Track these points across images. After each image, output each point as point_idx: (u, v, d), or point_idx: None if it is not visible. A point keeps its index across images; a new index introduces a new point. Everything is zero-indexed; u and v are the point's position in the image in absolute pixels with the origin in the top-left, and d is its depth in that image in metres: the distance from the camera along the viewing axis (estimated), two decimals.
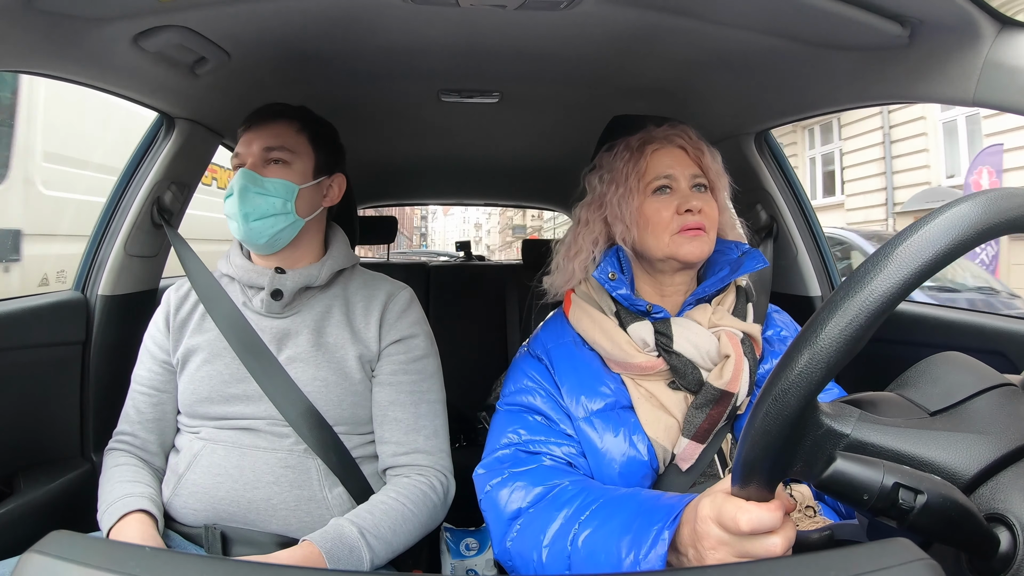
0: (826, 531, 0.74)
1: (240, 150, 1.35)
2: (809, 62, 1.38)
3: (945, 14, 1.05)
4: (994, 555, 0.59)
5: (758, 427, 0.60)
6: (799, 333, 0.59)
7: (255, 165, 1.33)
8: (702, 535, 0.79)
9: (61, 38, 1.18)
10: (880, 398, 0.73)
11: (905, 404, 0.72)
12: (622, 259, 1.25)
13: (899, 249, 0.56)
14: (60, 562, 0.51)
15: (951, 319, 1.69)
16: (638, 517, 0.91)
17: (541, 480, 1.10)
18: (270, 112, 1.37)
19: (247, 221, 1.30)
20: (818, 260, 1.94)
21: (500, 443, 1.20)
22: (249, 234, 1.31)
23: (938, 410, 0.70)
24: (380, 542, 1.18)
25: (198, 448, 1.28)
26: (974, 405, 0.69)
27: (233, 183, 1.31)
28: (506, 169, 3.00)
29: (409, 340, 1.38)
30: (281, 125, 1.36)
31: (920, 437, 0.64)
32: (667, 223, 1.21)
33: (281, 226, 1.32)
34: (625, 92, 1.76)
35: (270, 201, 1.31)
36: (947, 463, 0.63)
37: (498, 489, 1.13)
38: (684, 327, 1.18)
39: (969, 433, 0.66)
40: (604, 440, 1.15)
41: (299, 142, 1.37)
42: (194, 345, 1.35)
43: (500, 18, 1.29)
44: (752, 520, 0.71)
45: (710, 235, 1.22)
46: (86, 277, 1.72)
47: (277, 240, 1.33)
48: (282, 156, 1.34)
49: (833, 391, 1.22)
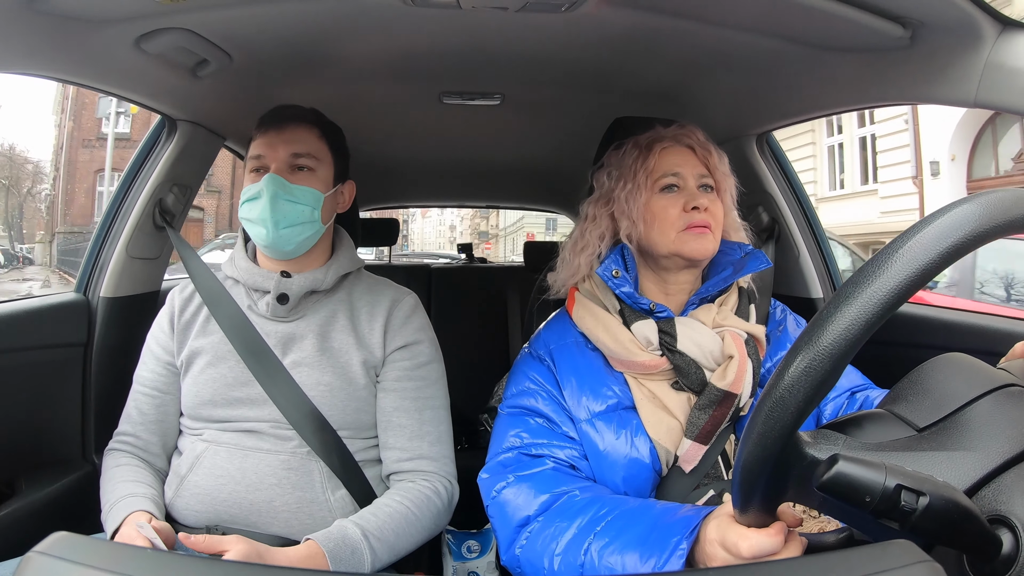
0: (844, 532, 0.74)
1: (262, 152, 1.33)
2: (810, 64, 1.38)
3: (946, 16, 1.05)
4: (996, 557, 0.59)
5: (744, 463, 0.62)
6: (779, 363, 0.60)
7: (281, 171, 1.31)
8: (710, 556, 0.83)
9: (63, 40, 1.18)
10: (867, 418, 0.74)
11: (893, 421, 0.72)
12: (627, 257, 1.25)
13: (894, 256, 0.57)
14: (62, 563, 0.51)
15: (953, 320, 1.69)
16: (655, 530, 0.93)
17: (548, 487, 1.11)
18: (288, 114, 1.36)
19: (277, 228, 1.28)
20: (820, 262, 1.94)
21: (503, 447, 1.20)
22: (278, 241, 1.30)
23: (927, 425, 0.70)
24: (383, 545, 1.18)
25: (200, 450, 1.28)
26: (965, 416, 0.70)
27: (259, 188, 1.29)
28: (507, 171, 3.00)
29: (414, 346, 1.38)
30: (302, 130, 1.35)
31: (904, 460, 0.64)
32: (674, 220, 1.21)
33: (308, 234, 1.32)
34: (626, 94, 1.76)
35: (299, 209, 1.30)
36: None
37: (504, 495, 1.13)
38: (688, 326, 1.19)
39: (955, 451, 0.66)
40: (606, 441, 1.15)
41: (321, 148, 1.36)
42: (198, 348, 1.34)
43: (501, 20, 1.29)
44: (752, 547, 0.75)
45: (715, 234, 1.23)
46: (88, 279, 1.72)
47: (302, 247, 1.33)
48: (308, 163, 1.33)
49: (853, 376, 1.26)
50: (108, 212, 1.74)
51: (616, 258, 1.25)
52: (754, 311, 1.27)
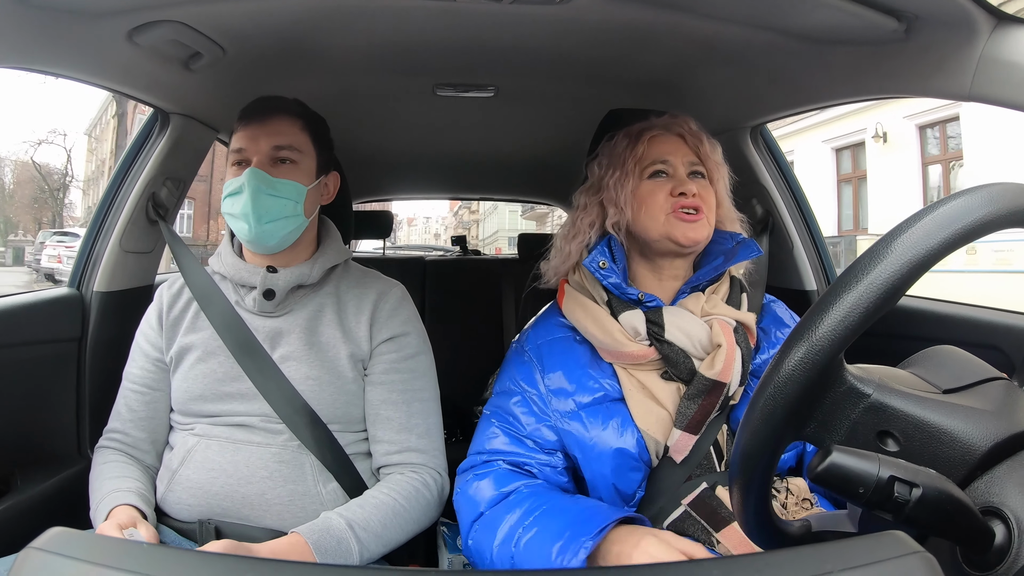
0: (805, 522, 0.75)
1: (244, 145, 1.31)
2: (805, 57, 1.38)
3: (941, 9, 1.05)
4: (989, 548, 0.60)
5: (785, 372, 0.61)
6: (835, 281, 0.61)
7: (263, 164, 1.29)
8: (613, 556, 0.99)
9: (55, 33, 1.17)
10: (894, 372, 0.74)
11: (918, 380, 0.72)
12: (614, 248, 1.26)
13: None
14: (58, 558, 0.51)
15: (946, 313, 1.69)
16: (571, 526, 1.02)
17: (499, 484, 1.18)
18: (270, 106, 1.34)
19: (260, 223, 1.27)
20: (814, 254, 1.94)
21: (475, 449, 1.28)
22: (261, 236, 1.28)
23: (950, 389, 0.71)
24: (370, 535, 1.18)
25: (192, 444, 1.28)
26: (984, 389, 0.70)
27: (241, 182, 1.27)
28: (502, 163, 2.99)
29: (401, 338, 1.37)
30: (284, 122, 1.33)
31: (939, 407, 0.65)
32: (661, 204, 1.22)
33: (291, 228, 1.31)
34: (620, 86, 1.76)
35: (281, 203, 1.28)
36: (965, 433, 0.64)
37: (465, 492, 1.22)
38: (676, 315, 1.19)
39: (984, 409, 0.67)
40: (593, 433, 1.17)
41: (304, 141, 1.34)
42: (188, 343, 1.34)
43: (495, 12, 1.29)
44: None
45: (708, 219, 1.23)
46: (81, 273, 1.71)
47: (285, 241, 1.32)
48: (291, 156, 1.31)
49: None
50: (101, 206, 1.73)
51: (603, 249, 1.25)
52: (746, 300, 1.28)
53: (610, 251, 1.25)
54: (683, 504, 1.13)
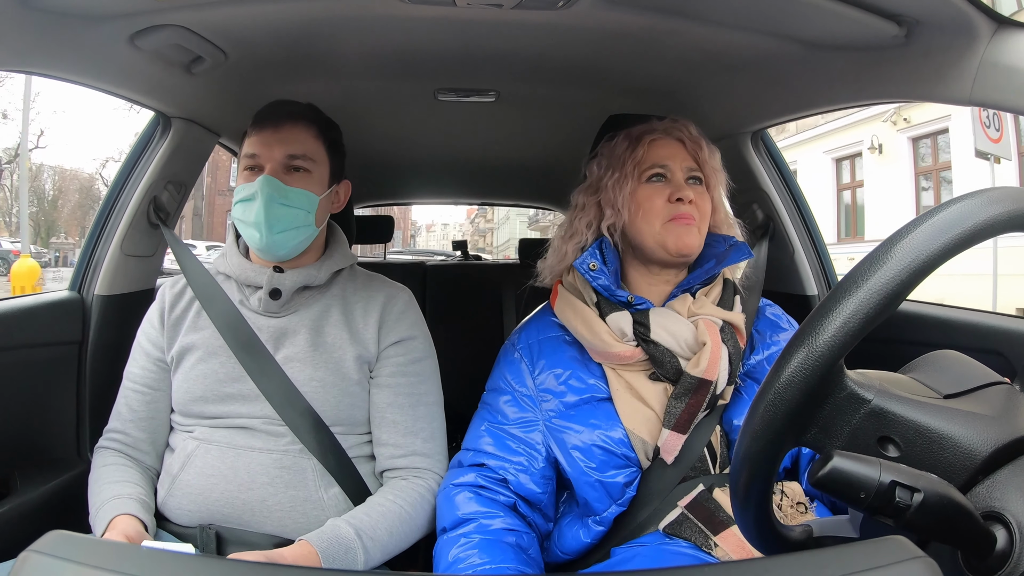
0: (806, 528, 0.74)
1: (257, 151, 1.29)
2: (805, 62, 1.38)
3: (942, 14, 1.05)
4: (991, 553, 0.59)
5: (785, 378, 0.61)
6: (836, 286, 0.61)
7: (276, 172, 1.27)
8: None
9: (57, 37, 1.18)
10: (895, 377, 0.73)
11: (919, 385, 0.72)
12: (605, 251, 1.27)
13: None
14: (58, 561, 0.51)
15: (947, 317, 1.69)
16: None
17: (464, 507, 1.21)
18: (285, 113, 1.32)
19: (272, 232, 1.26)
20: (815, 259, 1.94)
21: (466, 444, 1.31)
22: (272, 245, 1.27)
23: (951, 394, 0.71)
24: (376, 544, 1.18)
25: (192, 448, 1.27)
26: (985, 393, 0.70)
27: (254, 189, 1.26)
28: (503, 168, 3.00)
29: (408, 342, 1.37)
30: (299, 129, 1.31)
31: (939, 412, 0.65)
32: (659, 210, 1.23)
33: (303, 237, 1.30)
34: (621, 92, 1.76)
35: (294, 212, 1.27)
36: (966, 438, 0.64)
37: (446, 490, 1.26)
38: (662, 316, 1.20)
39: (986, 414, 0.66)
40: (579, 434, 1.18)
41: (318, 149, 1.33)
42: (189, 343, 1.33)
43: (497, 17, 1.29)
44: None
45: (700, 228, 1.25)
46: (82, 277, 1.71)
47: (296, 250, 1.32)
48: (304, 165, 1.30)
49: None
50: (103, 210, 1.73)
51: (594, 251, 1.26)
52: (739, 302, 1.28)
53: (601, 253, 1.26)
54: (679, 506, 1.14)
